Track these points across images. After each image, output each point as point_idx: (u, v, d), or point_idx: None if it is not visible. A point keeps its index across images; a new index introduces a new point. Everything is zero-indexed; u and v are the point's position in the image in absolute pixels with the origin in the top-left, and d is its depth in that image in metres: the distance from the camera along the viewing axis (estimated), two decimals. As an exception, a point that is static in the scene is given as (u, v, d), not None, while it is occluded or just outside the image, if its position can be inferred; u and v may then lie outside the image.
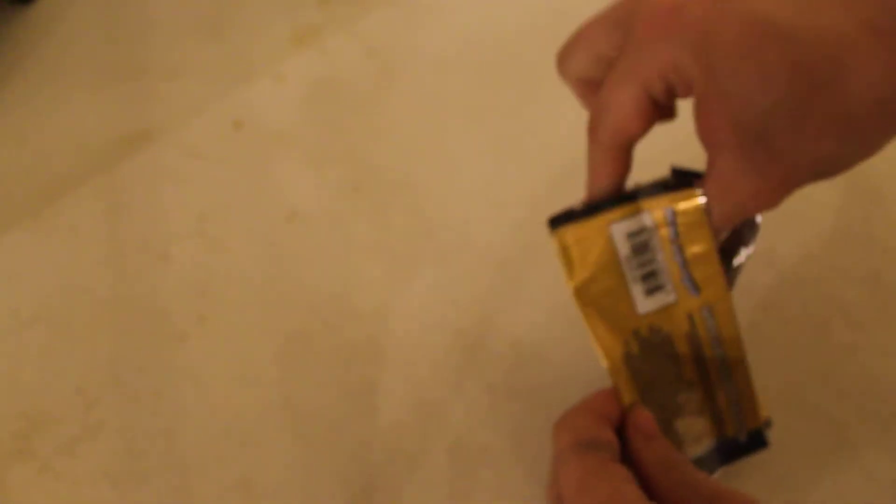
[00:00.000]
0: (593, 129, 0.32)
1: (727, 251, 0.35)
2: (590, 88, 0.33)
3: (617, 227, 0.34)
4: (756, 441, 0.36)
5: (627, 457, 0.33)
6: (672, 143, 0.36)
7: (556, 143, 0.47)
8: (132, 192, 0.49)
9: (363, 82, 0.53)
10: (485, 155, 0.49)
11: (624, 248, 0.34)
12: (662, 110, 0.31)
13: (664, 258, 0.34)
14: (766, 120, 0.27)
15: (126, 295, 0.46)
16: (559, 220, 0.34)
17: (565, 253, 0.35)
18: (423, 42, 0.54)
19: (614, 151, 0.32)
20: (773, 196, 0.29)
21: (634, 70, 0.29)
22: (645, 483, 0.32)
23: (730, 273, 0.35)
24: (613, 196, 0.34)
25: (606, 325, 0.35)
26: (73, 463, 0.41)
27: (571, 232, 0.34)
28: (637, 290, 0.34)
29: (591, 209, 0.34)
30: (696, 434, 0.36)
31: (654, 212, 0.33)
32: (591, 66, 0.32)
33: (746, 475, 0.39)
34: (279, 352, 0.44)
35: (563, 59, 0.33)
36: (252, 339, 0.44)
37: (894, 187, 0.45)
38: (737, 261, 0.36)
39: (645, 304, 0.34)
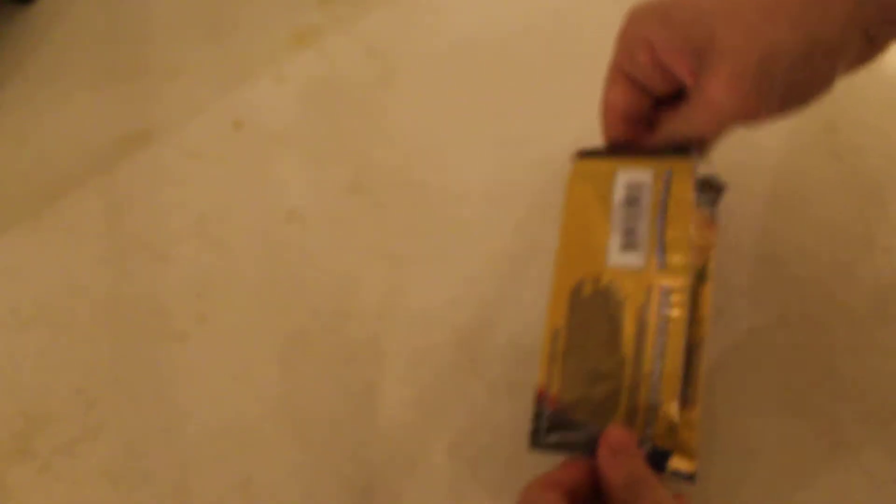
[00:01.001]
0: (600, 115, 0.38)
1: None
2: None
3: (622, 174, 0.37)
4: (657, 459, 0.33)
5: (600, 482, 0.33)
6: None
7: (555, 143, 0.46)
8: (132, 192, 0.49)
9: (363, 82, 0.53)
10: (485, 155, 0.49)
11: (620, 195, 0.37)
12: (642, 84, 0.36)
13: (647, 220, 0.36)
14: (704, 22, 0.32)
15: (126, 295, 0.46)
16: (586, 154, 0.39)
17: (574, 178, 0.38)
18: (423, 42, 0.54)
19: (612, 122, 0.37)
20: (735, 91, 0.32)
21: (611, 64, 0.37)
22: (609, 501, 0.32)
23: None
24: (633, 144, 0.37)
25: (574, 255, 0.37)
26: (73, 463, 0.41)
27: (590, 164, 0.38)
28: (615, 240, 0.36)
29: (612, 150, 0.38)
30: (605, 410, 0.34)
31: (657, 169, 0.36)
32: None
33: (745, 475, 0.39)
34: (279, 352, 0.44)
35: None
36: (252, 339, 0.44)
37: (894, 187, 0.45)
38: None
39: (617, 257, 0.36)
